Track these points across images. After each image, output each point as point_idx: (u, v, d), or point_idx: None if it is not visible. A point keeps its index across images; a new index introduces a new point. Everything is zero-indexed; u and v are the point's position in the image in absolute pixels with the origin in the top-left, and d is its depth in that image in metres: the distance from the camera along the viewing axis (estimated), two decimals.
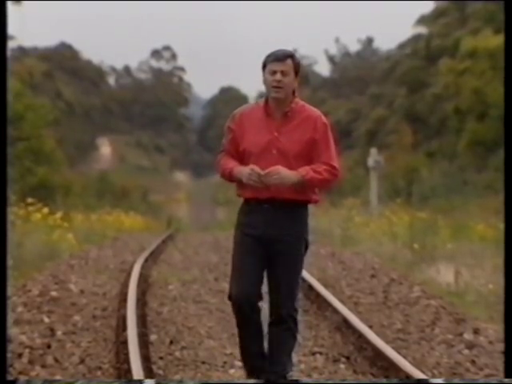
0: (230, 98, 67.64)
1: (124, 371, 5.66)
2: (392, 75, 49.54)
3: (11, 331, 6.76)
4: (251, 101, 4.85)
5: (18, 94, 27.11)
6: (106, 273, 11.35)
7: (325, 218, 20.70)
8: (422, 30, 49.48)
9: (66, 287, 9.57)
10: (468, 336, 6.84)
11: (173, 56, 77.21)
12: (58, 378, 5.65)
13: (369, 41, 70.93)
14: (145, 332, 6.95)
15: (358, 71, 61.87)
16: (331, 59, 70.76)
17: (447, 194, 23.65)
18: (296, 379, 5.34)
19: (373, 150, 25.92)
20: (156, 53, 77.02)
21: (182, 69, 77.50)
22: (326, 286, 9.24)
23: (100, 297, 9.10)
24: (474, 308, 8.33)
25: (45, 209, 16.07)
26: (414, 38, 50.54)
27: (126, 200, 36.40)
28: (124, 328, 6.79)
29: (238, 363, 5.70)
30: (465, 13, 43.24)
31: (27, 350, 6.33)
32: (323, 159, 4.68)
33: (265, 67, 4.68)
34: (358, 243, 15.65)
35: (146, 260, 12.45)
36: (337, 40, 72.14)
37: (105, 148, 60.79)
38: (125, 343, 6.23)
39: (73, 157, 43.40)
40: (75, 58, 66.54)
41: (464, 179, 28.55)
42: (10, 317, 7.30)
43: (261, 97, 4.86)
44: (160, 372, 5.77)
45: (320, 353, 6.37)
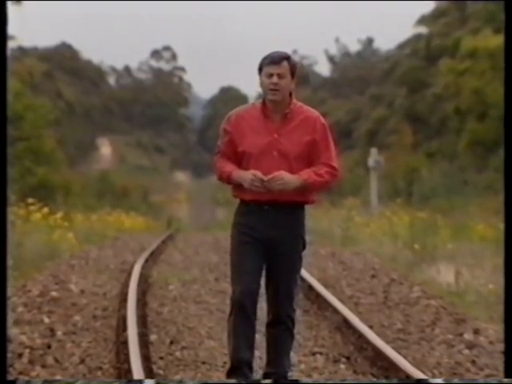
0: (230, 98, 67.53)
1: (124, 371, 5.67)
2: (392, 75, 49.50)
3: (11, 331, 6.76)
4: (251, 100, 4.82)
5: (18, 94, 27.11)
6: (107, 273, 11.35)
7: (325, 218, 20.69)
8: (422, 30, 49.47)
9: (67, 287, 9.57)
10: (468, 336, 6.84)
11: (173, 56, 77.16)
12: (58, 378, 5.65)
13: (369, 41, 70.87)
14: (145, 332, 6.95)
15: (358, 71, 61.81)
16: (331, 59, 70.72)
17: (447, 194, 23.64)
18: (296, 379, 5.35)
19: (373, 150, 25.91)
20: (156, 53, 76.97)
21: (182, 69, 77.44)
22: (327, 286, 9.25)
23: (100, 297, 9.10)
24: (474, 308, 8.33)
25: (45, 209, 16.08)
26: (414, 38, 50.48)
27: (127, 200, 36.37)
28: (124, 328, 6.80)
29: None
30: (465, 13, 43.21)
31: (27, 350, 6.34)
32: (323, 160, 4.67)
33: (261, 70, 4.65)
34: (359, 243, 15.65)
35: (147, 260, 12.45)
36: (337, 40, 72.02)
37: (105, 148, 60.73)
38: (125, 343, 6.24)
39: (73, 157, 43.35)
40: (75, 58, 66.47)
41: (464, 179, 28.52)
42: (10, 317, 7.29)
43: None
44: (160, 372, 5.77)
45: (320, 353, 6.37)
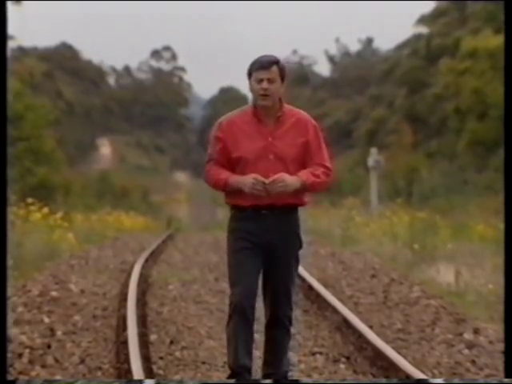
0: (230, 98, 67.50)
1: (124, 371, 5.67)
2: (392, 75, 49.49)
3: (11, 331, 6.77)
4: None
5: (18, 94, 27.11)
6: (107, 273, 11.35)
7: (325, 218, 20.70)
8: (422, 30, 49.47)
9: (66, 287, 9.57)
10: (468, 336, 6.84)
11: (173, 56, 77.16)
12: (58, 378, 5.65)
13: (369, 41, 70.86)
14: (145, 332, 6.95)
15: (358, 71, 61.79)
16: (331, 59, 70.71)
17: (447, 194, 23.65)
18: (296, 379, 5.35)
19: (373, 150, 25.90)
20: (156, 53, 76.95)
21: (182, 69, 77.44)
22: (326, 286, 9.25)
23: (100, 297, 9.10)
24: (474, 308, 8.33)
25: (45, 209, 16.08)
26: (414, 38, 50.49)
27: (126, 200, 36.36)
28: (124, 328, 6.80)
29: None
30: (465, 13, 43.21)
31: (27, 350, 6.34)
32: (316, 161, 4.68)
33: (250, 75, 4.63)
34: (358, 243, 15.65)
35: (146, 260, 12.46)
36: (337, 40, 72.02)
37: (105, 148, 60.73)
38: (125, 343, 6.24)
39: (73, 157, 43.36)
40: (75, 58, 66.48)
41: (464, 179, 28.52)
42: (10, 317, 7.30)
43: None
44: (160, 372, 5.77)
45: (320, 353, 6.37)
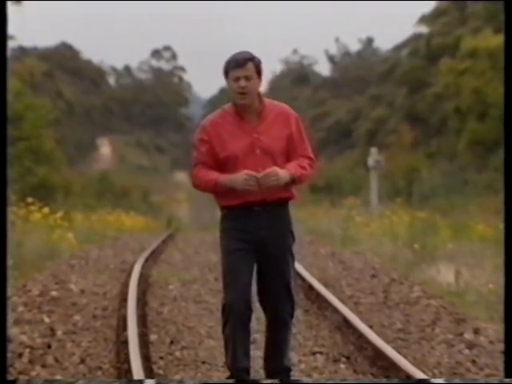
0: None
1: (124, 371, 5.67)
2: (392, 75, 49.51)
3: (11, 331, 6.76)
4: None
5: (18, 94, 27.10)
6: (107, 273, 11.35)
7: (325, 218, 20.71)
8: (423, 30, 49.49)
9: (67, 287, 9.57)
10: (468, 336, 6.84)
11: (173, 56, 77.21)
12: (59, 378, 5.65)
13: (369, 41, 70.93)
14: (145, 332, 6.95)
15: (358, 71, 61.82)
16: (331, 59, 70.75)
17: (447, 194, 23.65)
18: (296, 379, 5.34)
19: (373, 150, 25.89)
20: (156, 53, 77.00)
21: (183, 69, 77.50)
22: (327, 286, 9.24)
23: (100, 297, 9.10)
24: (475, 308, 8.32)
25: (45, 209, 16.08)
26: (415, 38, 50.52)
27: (126, 200, 36.35)
28: (124, 328, 6.80)
29: None
30: (465, 12, 43.23)
31: (27, 350, 6.34)
32: (300, 152, 4.69)
33: (227, 73, 4.62)
34: (359, 243, 15.64)
35: (147, 260, 12.46)
36: (337, 40, 72.14)
37: (105, 148, 60.77)
38: (125, 343, 6.24)
39: (73, 157, 43.38)
40: (75, 58, 66.54)
41: (464, 179, 28.54)
42: (11, 317, 7.29)
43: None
44: (160, 372, 5.77)
45: (320, 353, 6.37)
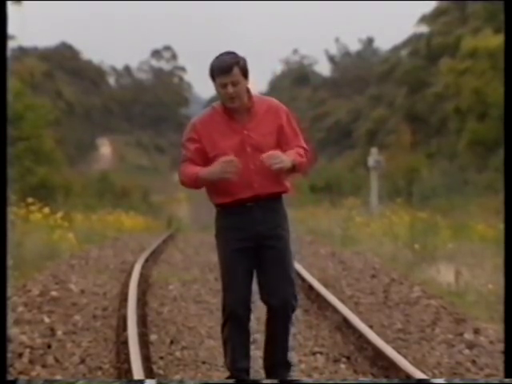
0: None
1: (124, 371, 5.66)
2: (392, 75, 49.53)
3: (11, 331, 6.76)
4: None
5: (18, 94, 27.09)
6: (107, 273, 11.36)
7: (325, 218, 20.70)
8: (423, 30, 49.50)
9: (67, 287, 9.57)
10: (468, 336, 6.84)
11: (173, 56, 77.19)
12: (59, 378, 5.65)
13: (369, 41, 70.96)
14: (145, 332, 6.95)
15: (359, 71, 61.84)
16: (331, 59, 70.79)
17: (447, 194, 23.64)
18: (296, 379, 5.34)
19: (373, 150, 25.91)
20: (156, 53, 77.00)
21: (183, 69, 77.48)
22: (327, 286, 9.24)
23: (100, 297, 9.10)
24: (475, 308, 8.32)
25: (45, 209, 16.08)
26: (415, 38, 50.53)
27: (127, 200, 36.34)
28: (124, 328, 6.79)
29: None
30: (465, 12, 43.24)
31: (27, 350, 6.34)
32: (295, 143, 4.67)
33: (213, 78, 4.56)
34: (359, 243, 15.64)
35: (147, 260, 12.46)
36: (337, 40, 72.24)
37: (105, 148, 60.77)
38: (125, 343, 6.24)
39: (73, 157, 43.39)
40: (75, 58, 66.54)
41: (464, 179, 28.54)
42: (11, 317, 7.29)
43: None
44: (160, 372, 5.77)
45: (320, 353, 6.37)
